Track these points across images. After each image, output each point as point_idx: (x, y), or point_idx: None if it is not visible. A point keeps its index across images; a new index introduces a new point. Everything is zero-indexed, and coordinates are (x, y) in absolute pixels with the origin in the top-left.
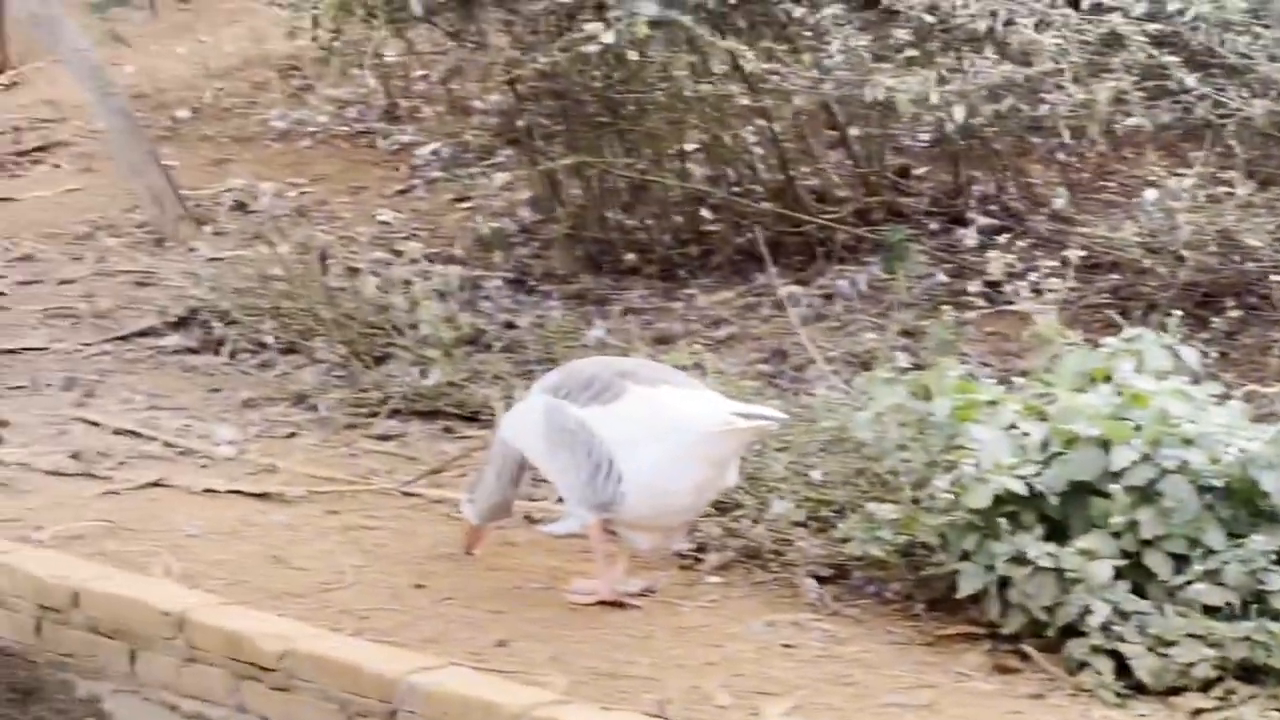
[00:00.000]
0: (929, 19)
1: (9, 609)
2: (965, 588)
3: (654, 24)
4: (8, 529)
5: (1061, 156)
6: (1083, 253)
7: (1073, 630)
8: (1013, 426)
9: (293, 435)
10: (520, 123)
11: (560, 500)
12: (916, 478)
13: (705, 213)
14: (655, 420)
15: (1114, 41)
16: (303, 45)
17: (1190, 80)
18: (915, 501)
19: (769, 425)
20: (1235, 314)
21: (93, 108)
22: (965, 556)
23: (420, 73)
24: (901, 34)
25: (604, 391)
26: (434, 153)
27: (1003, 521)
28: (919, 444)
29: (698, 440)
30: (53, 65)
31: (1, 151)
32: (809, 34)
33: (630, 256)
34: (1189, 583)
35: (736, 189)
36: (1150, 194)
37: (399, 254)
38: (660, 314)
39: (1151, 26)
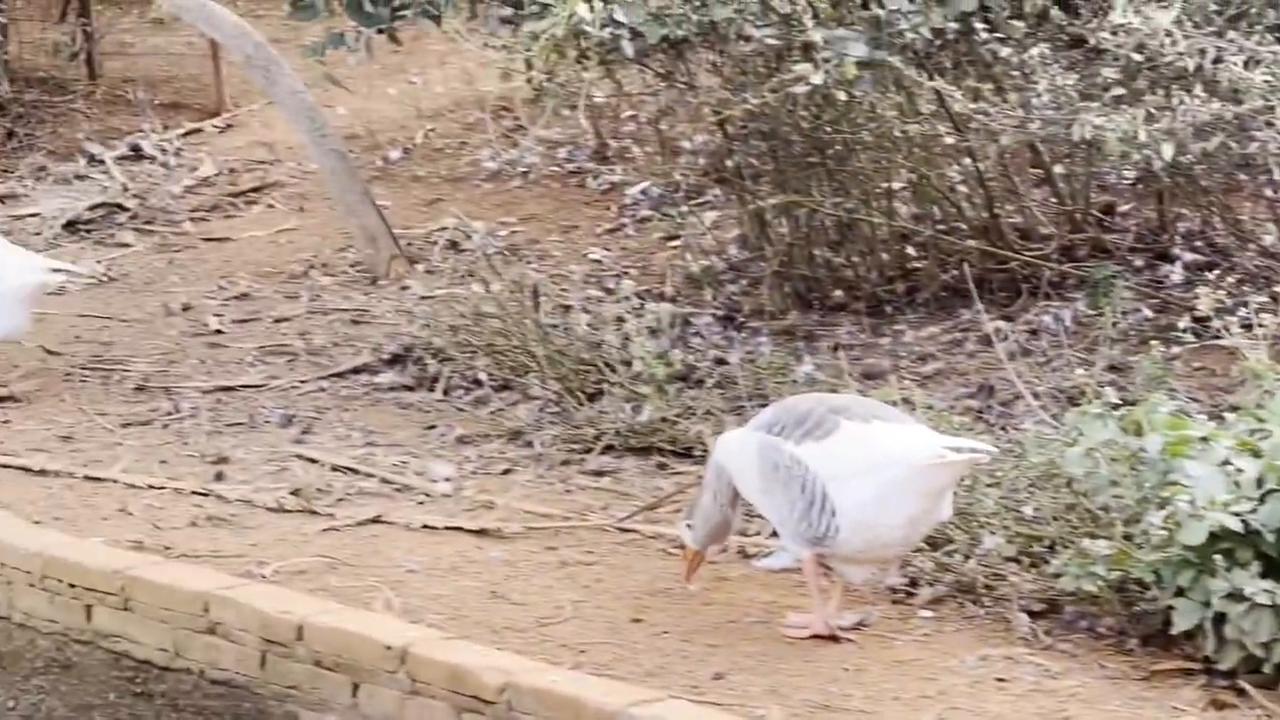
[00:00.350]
0: (1136, 57)
1: (235, 642)
2: (1180, 624)
3: (862, 65)
4: (233, 564)
5: (1271, 193)
6: None
7: None
8: (1226, 463)
9: (508, 471)
10: (729, 162)
11: (774, 535)
12: (1129, 514)
13: (911, 250)
14: (868, 455)
15: None
16: (513, 86)
17: None
18: (1128, 537)
19: (979, 459)
20: None
21: (307, 149)
22: (1180, 593)
23: (629, 114)
24: (1109, 73)
25: (817, 428)
26: (643, 192)
27: (1218, 558)
28: (1131, 480)
29: (910, 474)
30: (267, 108)
31: (218, 192)
32: (1015, 73)
33: (838, 293)
34: None
35: (942, 226)
36: None
37: (610, 291)
38: (868, 349)
39: None
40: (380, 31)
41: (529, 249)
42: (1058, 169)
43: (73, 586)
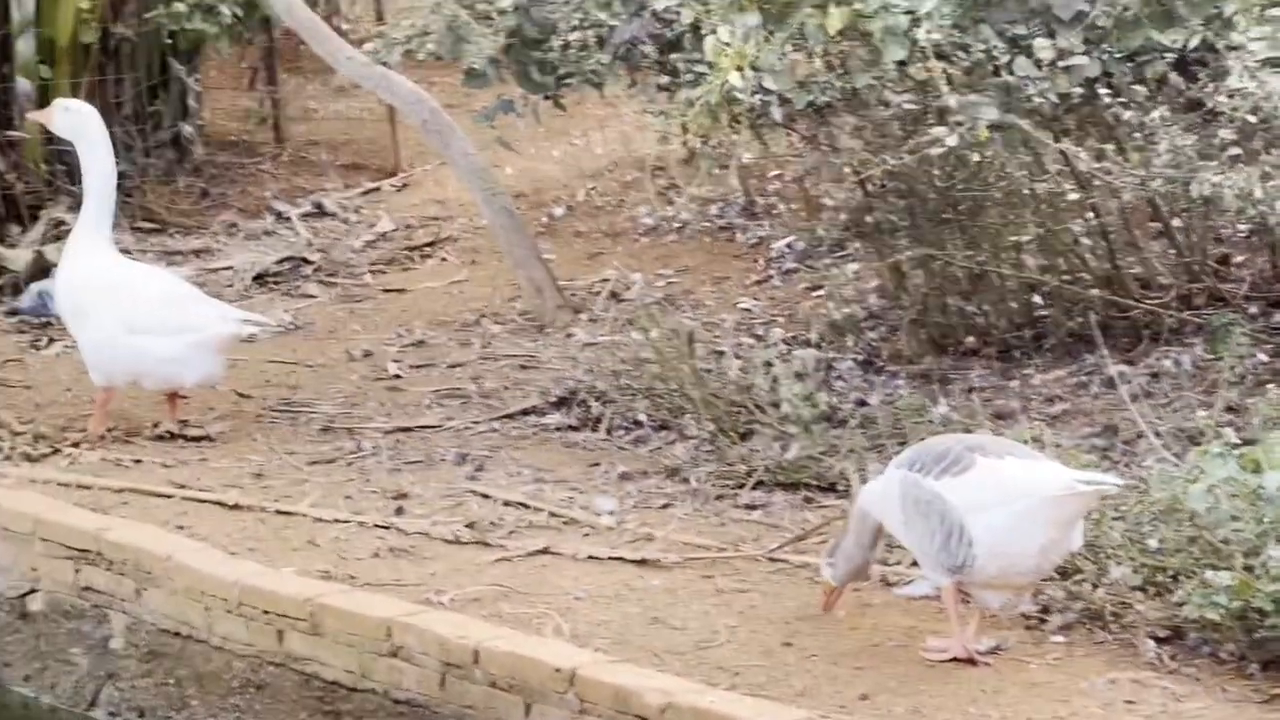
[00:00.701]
0: (1252, 119)
1: (416, 665)
2: None
3: (993, 127)
4: (413, 592)
5: None
6: None
7: None
8: None
9: (667, 506)
10: (869, 218)
11: (915, 565)
12: (1248, 547)
13: (1039, 299)
14: (1003, 488)
15: None
16: (668, 148)
17: None
18: (1248, 569)
19: (1108, 490)
20: None
21: (478, 206)
22: None
23: (775, 172)
24: (1225, 134)
25: (954, 464)
26: (789, 246)
27: None
28: (1250, 515)
29: (1042, 504)
30: (440, 168)
31: (395, 247)
32: (1137, 135)
33: (970, 339)
34: None
35: (1067, 277)
36: None
37: (759, 338)
38: (998, 392)
39: None
40: (546, 98)
41: (683, 299)
42: (1176, 223)
43: (266, 613)
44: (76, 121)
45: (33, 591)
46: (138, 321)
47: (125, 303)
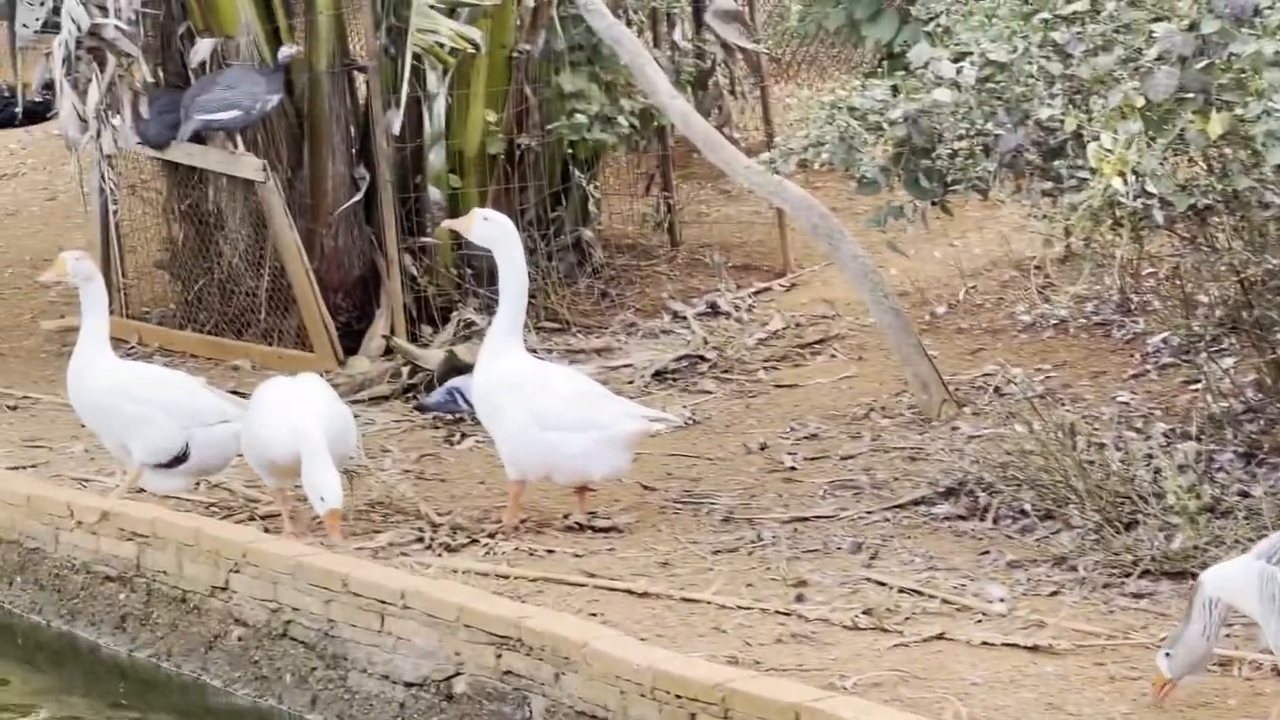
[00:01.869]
0: None
1: None
2: None
3: None
4: (816, 677)
5: None
6: None
7: None
8: None
9: (1055, 593)
10: (1246, 314)
11: None
12: None
13: None
14: None
15: None
16: (1049, 251)
17: None
18: None
19: None
20: None
21: (865, 305)
22: None
23: (1149, 270)
24: None
25: None
26: (1164, 341)
27: None
28: None
29: None
30: (827, 268)
31: (786, 344)
32: None
33: None
34: None
35: None
36: None
37: (1139, 431)
38: None
39: None
40: (933, 203)
41: (1063, 392)
42: None
43: (678, 697)
44: (495, 231)
45: (457, 675)
46: (550, 418)
47: (539, 400)
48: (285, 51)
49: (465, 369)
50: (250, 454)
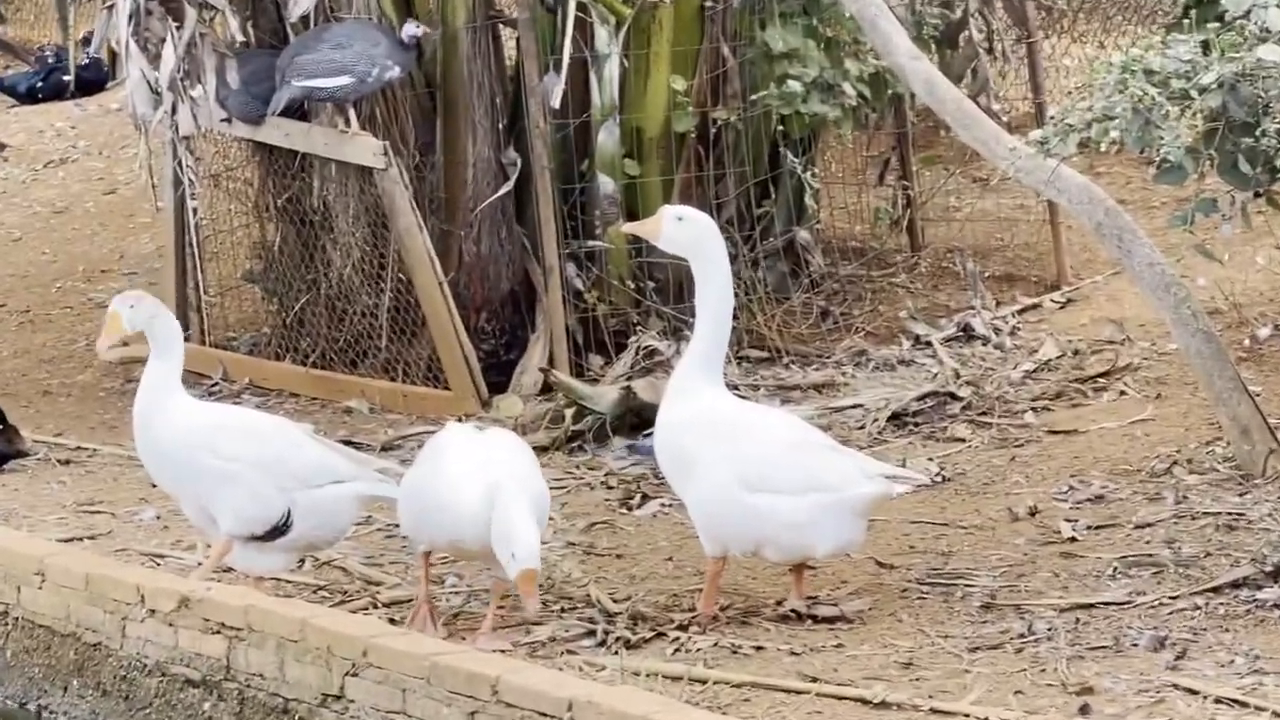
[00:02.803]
0: None
1: None
2: None
3: None
4: None
5: None
6: None
7: None
8: None
9: None
10: None
11: None
12: None
13: None
14: None
15: None
16: None
17: None
18: None
19: None
20: None
21: (1166, 327)
22: None
23: None
24: None
25: None
26: None
27: None
28: None
29: None
30: (1114, 279)
31: (1061, 378)
32: None
33: None
34: None
35: None
36: None
37: None
38: None
39: None
40: (1256, 194)
41: None
42: None
43: None
44: (693, 234)
45: None
46: (760, 477)
47: (743, 453)
48: (411, 30)
49: (648, 411)
50: (420, 522)
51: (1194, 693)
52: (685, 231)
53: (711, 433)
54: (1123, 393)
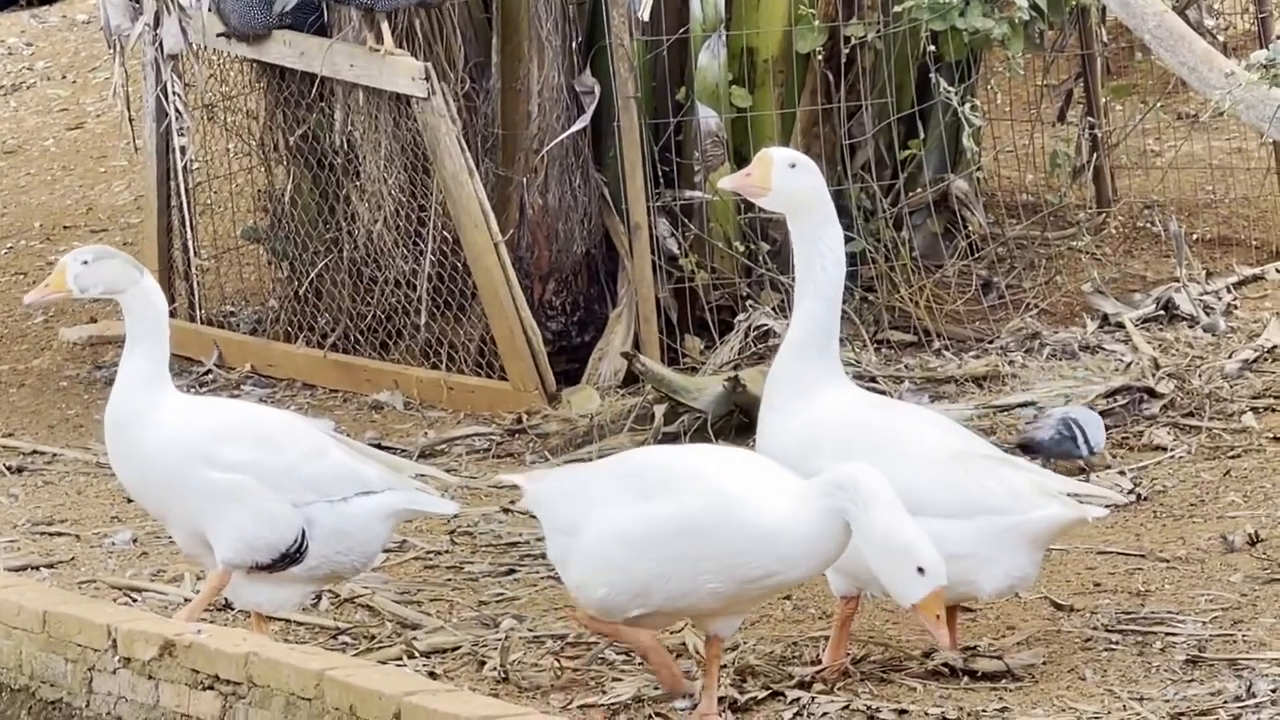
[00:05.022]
0: None
1: None
2: None
3: None
4: None
5: None
6: None
7: None
8: None
9: None
10: None
11: None
12: None
13: None
14: None
15: None
16: None
17: None
18: None
19: None
20: None
21: None
22: None
23: None
24: None
25: None
26: None
27: None
28: None
29: None
30: None
31: None
32: None
33: None
34: None
35: None
36: None
37: None
38: None
39: None
40: None
41: None
42: None
43: None
44: (802, 185)
45: None
46: (906, 496)
47: (887, 468)
48: None
49: (759, 409)
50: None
51: None
52: (801, 182)
53: (836, 439)
54: None
